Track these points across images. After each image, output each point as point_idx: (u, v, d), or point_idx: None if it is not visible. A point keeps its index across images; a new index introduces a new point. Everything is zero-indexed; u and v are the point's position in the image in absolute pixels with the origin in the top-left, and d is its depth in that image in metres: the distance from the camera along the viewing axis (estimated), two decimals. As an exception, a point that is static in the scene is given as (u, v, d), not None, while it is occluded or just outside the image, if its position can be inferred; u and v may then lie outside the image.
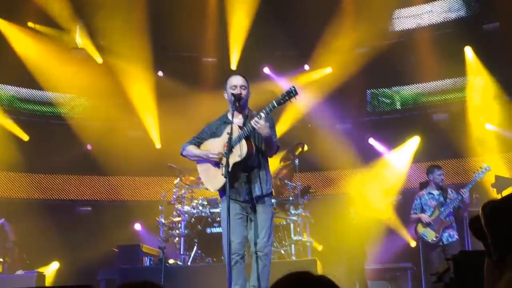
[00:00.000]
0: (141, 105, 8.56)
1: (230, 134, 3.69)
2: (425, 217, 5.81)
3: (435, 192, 5.92)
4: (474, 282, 2.91)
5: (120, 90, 8.36)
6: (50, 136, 8.28)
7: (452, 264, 3.12)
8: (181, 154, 4.08)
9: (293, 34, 8.43)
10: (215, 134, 3.95)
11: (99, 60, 8.49)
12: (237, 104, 3.84)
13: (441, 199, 5.85)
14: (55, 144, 8.32)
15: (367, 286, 6.82)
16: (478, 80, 8.33)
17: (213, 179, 3.90)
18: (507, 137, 8.09)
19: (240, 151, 3.70)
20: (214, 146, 3.91)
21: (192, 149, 3.99)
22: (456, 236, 5.83)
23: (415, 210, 5.96)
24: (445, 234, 5.75)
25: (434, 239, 5.74)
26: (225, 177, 3.64)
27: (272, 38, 8.63)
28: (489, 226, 1.70)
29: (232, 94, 3.85)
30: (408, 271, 7.09)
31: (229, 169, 3.63)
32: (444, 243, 5.73)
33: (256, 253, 3.76)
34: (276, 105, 3.61)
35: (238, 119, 3.90)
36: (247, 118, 3.87)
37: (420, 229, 5.86)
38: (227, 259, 3.64)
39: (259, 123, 3.56)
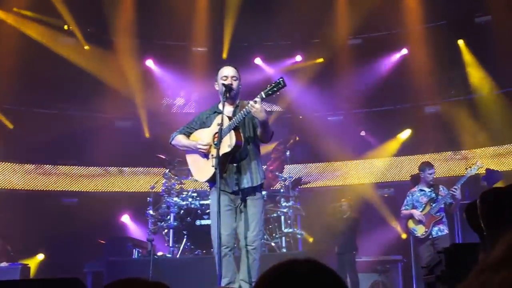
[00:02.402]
0: (128, 95, 8.43)
1: (221, 125, 3.61)
2: (417, 213, 5.78)
3: (427, 189, 5.92)
4: (466, 274, 2.88)
5: (107, 79, 8.22)
6: (35, 125, 8.12)
7: (444, 256, 3.07)
8: (170, 143, 4.02)
9: (285, 24, 8.33)
10: (205, 124, 3.90)
11: (86, 47, 8.33)
12: (227, 95, 3.76)
13: (433, 195, 5.84)
14: (40, 134, 8.17)
15: (357, 278, 6.82)
16: (470, 73, 8.32)
17: (202, 169, 3.84)
18: (498, 130, 8.11)
19: (229, 141, 3.63)
20: (203, 136, 3.85)
21: (181, 139, 3.93)
22: (446, 231, 5.83)
23: (406, 206, 5.95)
24: (435, 229, 5.75)
25: (424, 233, 5.74)
26: (215, 168, 3.57)
27: (263, 28, 8.52)
28: (488, 216, 1.63)
29: (223, 84, 3.78)
30: (399, 264, 7.10)
31: (218, 159, 3.55)
32: (434, 236, 5.73)
33: (246, 247, 3.70)
34: (264, 97, 3.55)
35: (228, 110, 3.83)
36: (237, 108, 3.80)
37: (411, 224, 5.86)
38: (217, 251, 3.57)
39: (255, 107, 3.49)
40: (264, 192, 4.75)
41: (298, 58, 8.83)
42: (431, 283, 3.38)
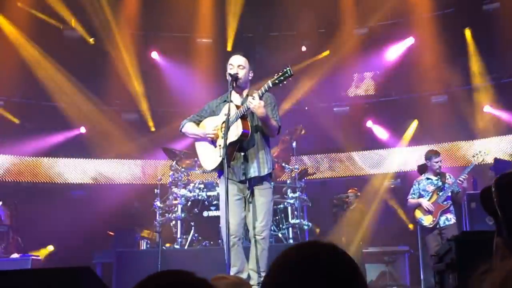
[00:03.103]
0: (134, 88, 8.43)
1: (228, 114, 3.62)
2: (426, 203, 5.74)
3: (433, 178, 5.88)
4: (477, 262, 2.88)
5: (112, 71, 8.22)
6: (42, 118, 8.17)
7: (454, 244, 3.06)
8: (180, 130, 4.03)
9: (290, 15, 8.27)
10: (215, 113, 3.92)
11: (91, 40, 8.32)
12: (234, 84, 3.77)
13: (440, 183, 5.81)
14: (48, 127, 8.21)
15: (365, 269, 6.83)
16: (477, 62, 8.24)
17: (209, 158, 3.86)
18: (505, 120, 8.05)
19: (236, 130, 3.65)
20: (212, 124, 3.86)
21: (190, 127, 3.95)
22: (454, 220, 5.81)
23: (413, 195, 5.92)
24: (442, 218, 5.73)
25: (431, 223, 5.72)
26: (222, 158, 3.58)
27: (268, 18, 8.47)
28: (503, 201, 1.60)
29: (229, 73, 3.79)
30: (406, 254, 7.09)
31: (226, 148, 3.57)
32: (441, 226, 5.71)
33: (255, 237, 3.71)
34: (271, 85, 3.55)
35: (237, 98, 3.84)
36: (247, 97, 3.80)
37: (418, 214, 5.83)
38: (226, 240, 3.59)
39: (253, 103, 3.51)
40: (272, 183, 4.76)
41: (304, 48, 8.78)
42: (441, 271, 3.38)
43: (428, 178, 5.91)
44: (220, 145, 3.68)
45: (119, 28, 8.16)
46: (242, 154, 3.74)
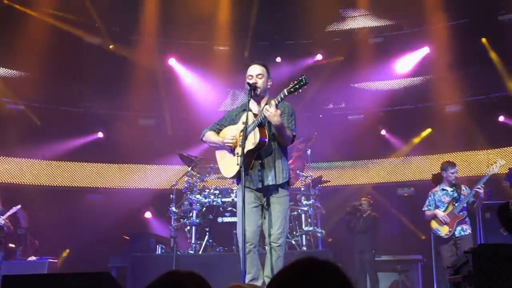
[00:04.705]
0: (151, 93, 8.54)
1: (246, 123, 3.66)
2: (441, 214, 5.72)
3: (449, 189, 5.86)
4: (494, 274, 2.88)
5: (131, 77, 8.34)
6: (61, 123, 8.31)
7: (471, 257, 3.07)
8: (201, 139, 4.09)
9: (306, 23, 8.33)
10: (234, 121, 3.97)
11: (110, 47, 8.46)
12: (252, 93, 3.81)
13: (455, 194, 5.79)
14: (66, 132, 8.34)
15: (377, 278, 6.82)
16: (492, 72, 8.21)
17: (228, 166, 3.91)
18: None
19: (254, 139, 3.69)
20: (231, 133, 3.91)
21: (210, 136, 4.01)
22: (469, 231, 5.78)
23: (429, 207, 5.90)
24: (458, 228, 5.71)
25: (448, 233, 5.70)
26: (240, 166, 3.62)
27: (284, 27, 8.54)
28: None
29: (247, 83, 3.83)
30: (419, 263, 7.07)
31: (243, 157, 3.61)
32: (456, 236, 5.69)
33: (271, 244, 3.74)
34: (286, 94, 3.58)
35: (256, 107, 3.89)
36: (265, 106, 3.84)
37: (434, 224, 5.81)
38: (242, 247, 3.63)
39: (269, 111, 3.55)
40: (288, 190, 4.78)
41: (319, 56, 8.83)
42: (457, 283, 3.38)
43: (443, 189, 5.89)
44: (238, 153, 3.73)
45: (139, 34, 8.28)
46: (259, 162, 3.79)
